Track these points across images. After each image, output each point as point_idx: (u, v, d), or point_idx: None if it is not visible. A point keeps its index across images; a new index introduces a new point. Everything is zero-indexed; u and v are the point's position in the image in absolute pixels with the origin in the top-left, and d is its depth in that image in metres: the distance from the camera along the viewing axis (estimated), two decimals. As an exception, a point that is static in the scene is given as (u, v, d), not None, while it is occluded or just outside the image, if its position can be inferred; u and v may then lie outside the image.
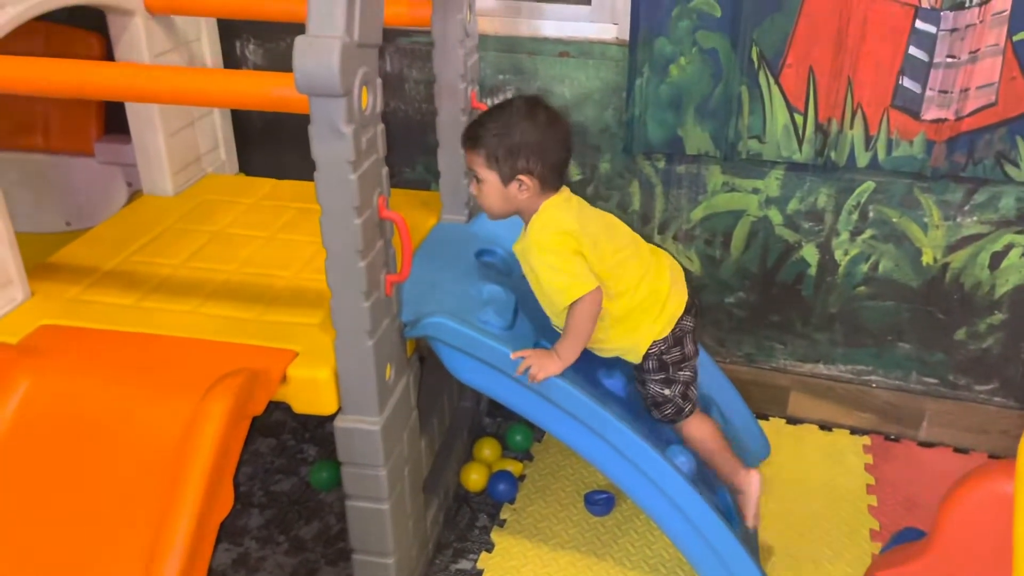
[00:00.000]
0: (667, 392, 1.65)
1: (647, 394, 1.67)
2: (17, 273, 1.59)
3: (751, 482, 1.69)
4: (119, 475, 1.30)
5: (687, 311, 1.64)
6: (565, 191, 1.59)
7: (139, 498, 1.27)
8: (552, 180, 1.55)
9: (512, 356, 1.53)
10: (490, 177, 1.54)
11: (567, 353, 1.54)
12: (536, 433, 2.17)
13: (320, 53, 1.18)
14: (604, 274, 1.54)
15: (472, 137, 1.55)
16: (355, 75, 1.24)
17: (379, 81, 1.33)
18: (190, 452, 1.24)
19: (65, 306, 1.59)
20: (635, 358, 1.65)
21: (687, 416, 1.68)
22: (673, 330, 1.62)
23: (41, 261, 1.76)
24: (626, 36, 1.98)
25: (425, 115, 2.20)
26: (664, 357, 1.63)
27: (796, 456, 2.14)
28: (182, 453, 1.25)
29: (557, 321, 1.61)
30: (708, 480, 1.72)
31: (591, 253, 1.53)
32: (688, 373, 1.66)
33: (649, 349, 1.63)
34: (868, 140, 1.92)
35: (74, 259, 1.76)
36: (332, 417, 1.49)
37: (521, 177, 1.52)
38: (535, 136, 1.51)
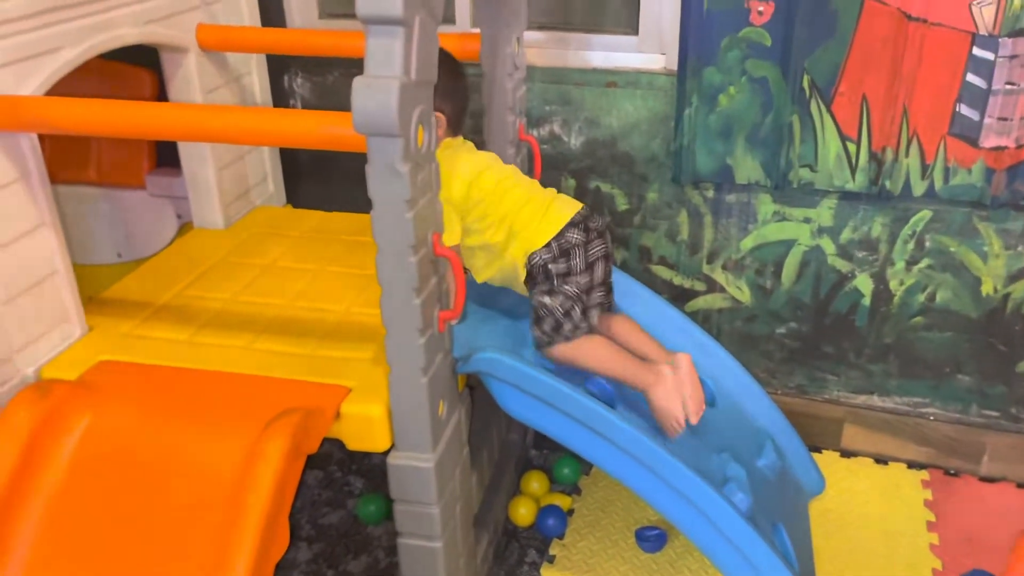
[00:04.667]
0: (548, 301, 1.60)
1: (532, 309, 1.63)
2: (75, 309, 1.61)
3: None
4: (176, 513, 1.30)
5: (574, 224, 1.61)
6: (459, 138, 1.68)
7: (196, 537, 1.27)
8: (457, 124, 1.64)
9: None
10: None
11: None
12: (584, 466, 2.15)
13: (379, 94, 1.18)
14: (489, 197, 1.61)
15: None
16: (412, 114, 1.24)
17: (434, 119, 1.33)
18: (248, 493, 1.24)
19: (121, 341, 1.61)
20: (521, 280, 1.63)
21: (567, 339, 1.61)
22: (558, 240, 1.60)
23: (93, 292, 1.78)
24: (674, 66, 1.97)
25: (471, 146, 2.20)
26: (549, 267, 1.60)
27: (852, 491, 2.09)
28: (240, 493, 1.25)
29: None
30: (767, 516, 1.67)
31: (478, 179, 1.60)
32: (573, 289, 1.61)
33: (532, 260, 1.61)
34: (924, 168, 1.88)
35: (129, 293, 1.78)
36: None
37: (437, 114, 1.56)
38: (446, 79, 1.55)
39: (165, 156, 2.33)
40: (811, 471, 1.99)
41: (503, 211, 1.61)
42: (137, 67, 2.26)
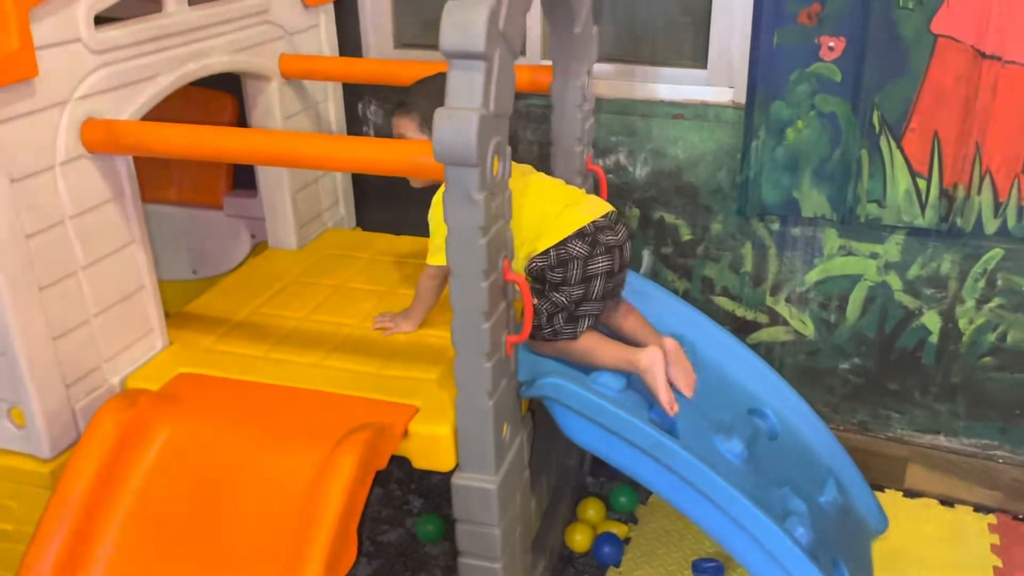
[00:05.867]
0: (535, 302, 1.60)
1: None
2: (158, 323, 1.69)
3: (652, 359, 1.58)
4: (249, 522, 1.35)
5: (581, 235, 1.58)
6: None
7: (268, 546, 1.32)
8: None
9: (373, 321, 1.76)
10: (422, 141, 1.56)
11: (414, 316, 1.74)
12: (641, 495, 2.15)
13: (459, 124, 1.23)
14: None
15: (402, 104, 1.63)
16: (489, 145, 1.28)
17: (508, 149, 1.38)
18: (320, 505, 1.28)
19: (200, 355, 1.68)
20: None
21: (545, 339, 1.62)
22: (557, 249, 1.58)
23: (168, 307, 1.85)
24: (742, 99, 1.99)
25: (537, 174, 2.24)
26: (546, 273, 1.61)
27: (916, 532, 2.05)
28: (311, 505, 1.29)
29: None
30: (828, 553, 1.65)
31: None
32: (563, 299, 1.60)
33: (530, 265, 1.62)
34: (997, 206, 1.86)
35: (207, 309, 1.85)
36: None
37: None
38: None
39: (241, 178, 2.43)
40: (874, 510, 1.96)
41: (521, 222, 1.60)
42: (219, 92, 2.37)
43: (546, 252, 1.59)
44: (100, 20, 1.49)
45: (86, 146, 1.46)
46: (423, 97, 1.59)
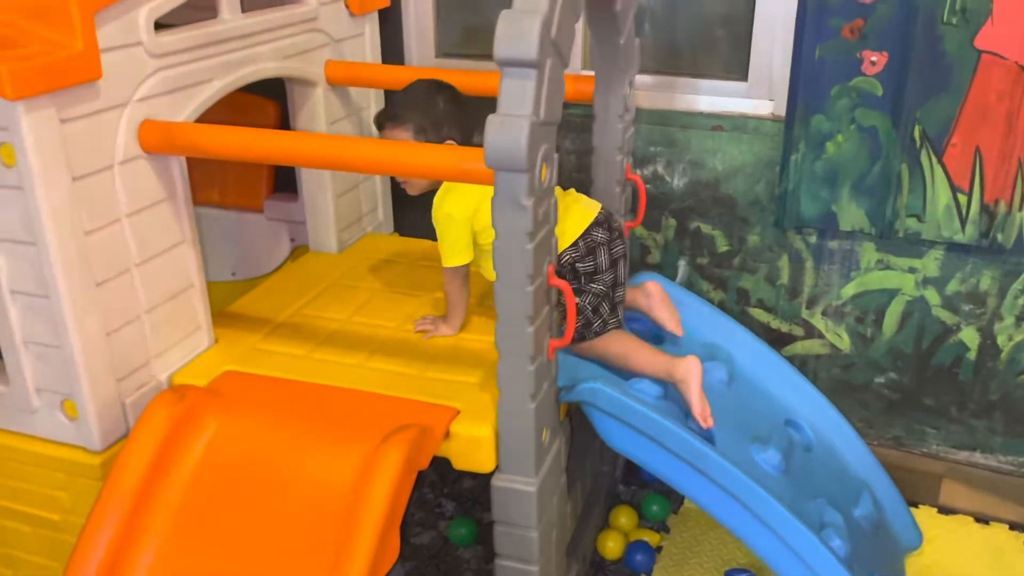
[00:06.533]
0: (577, 300, 1.60)
1: (560, 306, 1.61)
2: (205, 321, 1.72)
3: (689, 369, 1.59)
4: (294, 518, 1.37)
5: (598, 223, 1.66)
6: None
7: (313, 542, 1.34)
8: (466, 146, 1.64)
9: (414, 324, 1.78)
10: None
11: (453, 320, 1.77)
12: (673, 504, 2.15)
13: (510, 131, 1.25)
14: None
15: (394, 115, 1.68)
16: (538, 151, 1.31)
17: (556, 156, 1.40)
18: (364, 502, 1.30)
19: (246, 354, 1.71)
20: None
21: (597, 334, 1.65)
22: (584, 239, 1.64)
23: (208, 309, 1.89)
24: (782, 112, 2.00)
25: (575, 184, 2.24)
26: (576, 265, 1.64)
27: (950, 549, 2.03)
28: (356, 502, 1.31)
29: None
30: (864, 566, 1.65)
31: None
32: (600, 287, 1.65)
33: (561, 259, 1.63)
34: (1039, 223, 1.86)
35: (252, 309, 1.89)
36: (468, 472, 1.53)
37: (449, 143, 1.65)
38: (454, 107, 1.66)
39: (281, 182, 2.47)
40: (909, 525, 1.95)
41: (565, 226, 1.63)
42: (262, 97, 2.41)
43: (575, 244, 1.65)
44: (158, 26, 1.54)
45: (143, 147, 1.50)
46: (412, 106, 1.69)
